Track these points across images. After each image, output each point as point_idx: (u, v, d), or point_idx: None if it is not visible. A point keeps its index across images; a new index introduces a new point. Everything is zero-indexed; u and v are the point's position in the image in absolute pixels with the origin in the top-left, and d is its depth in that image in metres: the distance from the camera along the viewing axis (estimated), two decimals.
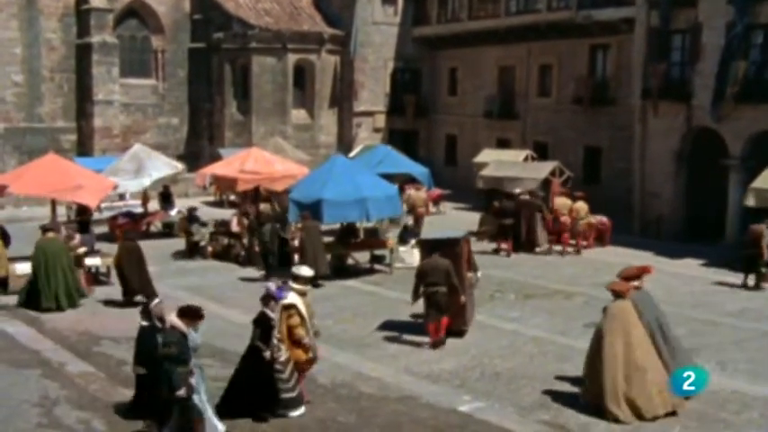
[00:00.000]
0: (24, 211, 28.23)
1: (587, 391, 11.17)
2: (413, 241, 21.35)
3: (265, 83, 37.03)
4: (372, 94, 38.45)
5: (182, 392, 9.41)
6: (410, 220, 23.14)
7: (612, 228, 24.32)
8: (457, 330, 14.44)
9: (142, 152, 25.38)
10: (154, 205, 27.05)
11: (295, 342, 10.92)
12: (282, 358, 10.74)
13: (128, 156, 25.32)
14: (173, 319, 9.75)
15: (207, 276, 20.03)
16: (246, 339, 14.57)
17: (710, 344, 14.32)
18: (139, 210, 26.33)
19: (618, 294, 11.17)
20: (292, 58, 37.23)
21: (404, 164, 26.38)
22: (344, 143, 37.79)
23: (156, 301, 10.94)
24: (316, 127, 38.24)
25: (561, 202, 23.80)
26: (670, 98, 24.89)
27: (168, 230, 25.74)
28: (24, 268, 17.24)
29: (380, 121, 38.65)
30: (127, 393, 11.77)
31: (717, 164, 23.94)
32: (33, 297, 16.37)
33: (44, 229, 16.88)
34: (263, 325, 10.72)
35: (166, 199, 26.76)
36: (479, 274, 16.14)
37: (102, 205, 24.67)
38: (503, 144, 34.70)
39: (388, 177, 22.61)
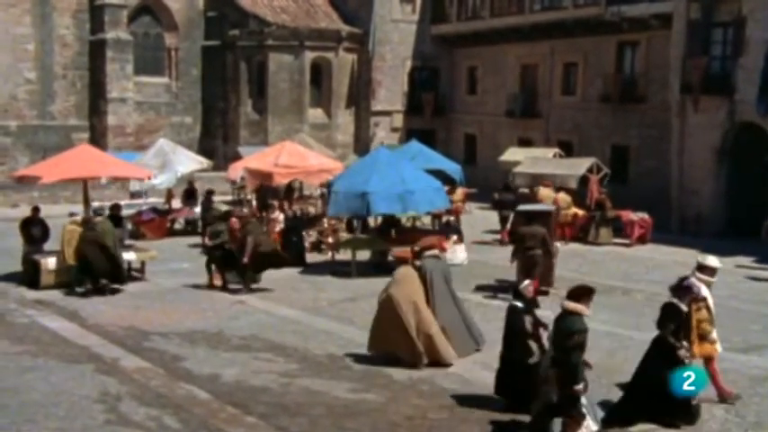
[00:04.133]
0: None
1: (376, 342, 12.33)
2: (455, 237, 20.66)
3: (282, 81, 36.31)
4: (390, 92, 37.78)
5: (580, 387, 8.49)
6: (451, 216, 22.43)
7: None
8: (543, 291, 15.87)
9: (167, 146, 24.72)
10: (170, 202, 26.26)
11: (701, 337, 10.13)
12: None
13: (153, 151, 24.67)
14: (569, 303, 8.82)
15: None
16: (297, 334, 14.07)
17: None
18: (162, 206, 25.60)
19: (401, 260, 12.90)
20: (309, 56, 36.54)
21: (437, 160, 25.67)
22: (362, 143, 37.08)
23: (526, 282, 10.50)
24: (333, 126, 37.49)
25: (545, 193, 23.15)
26: (711, 93, 24.26)
27: (191, 228, 25.06)
28: (54, 263, 17.03)
29: (398, 120, 37.97)
30: (189, 389, 11.04)
31: (760, 160, 23.30)
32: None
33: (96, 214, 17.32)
34: (675, 318, 9.56)
35: (191, 196, 26.04)
36: (560, 244, 16.70)
37: (123, 203, 23.99)
38: (525, 143, 34.03)
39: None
